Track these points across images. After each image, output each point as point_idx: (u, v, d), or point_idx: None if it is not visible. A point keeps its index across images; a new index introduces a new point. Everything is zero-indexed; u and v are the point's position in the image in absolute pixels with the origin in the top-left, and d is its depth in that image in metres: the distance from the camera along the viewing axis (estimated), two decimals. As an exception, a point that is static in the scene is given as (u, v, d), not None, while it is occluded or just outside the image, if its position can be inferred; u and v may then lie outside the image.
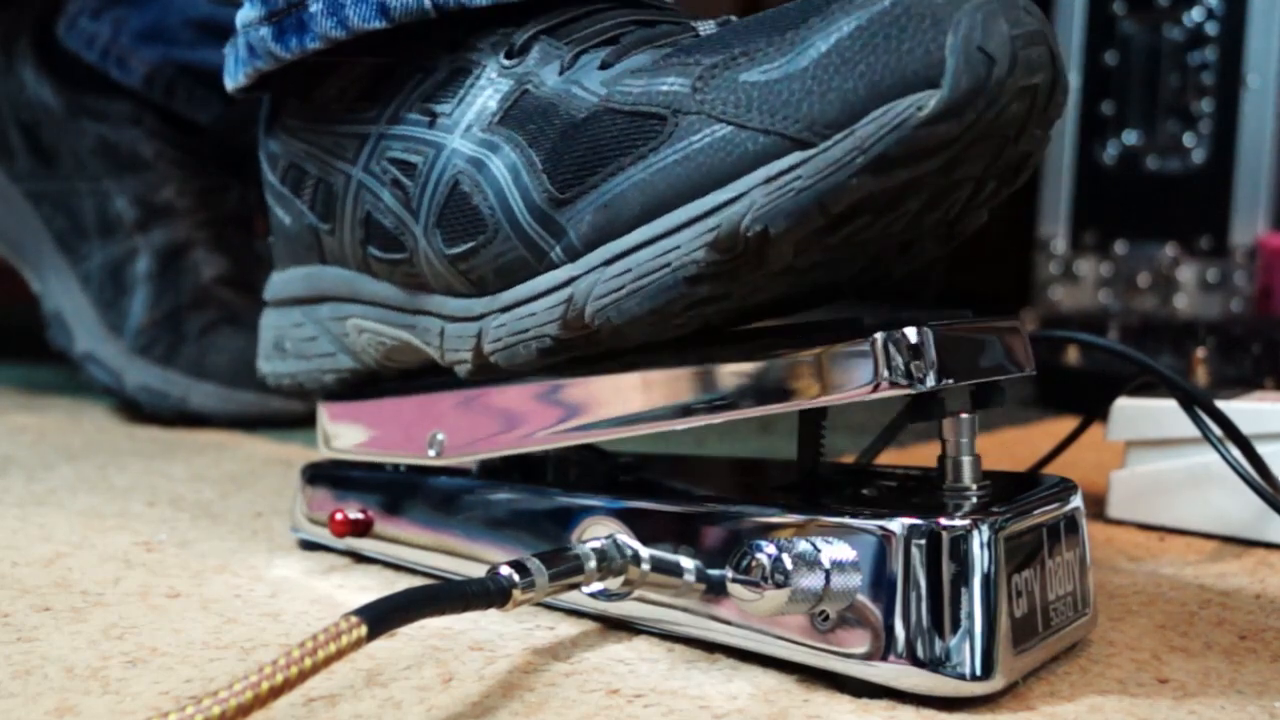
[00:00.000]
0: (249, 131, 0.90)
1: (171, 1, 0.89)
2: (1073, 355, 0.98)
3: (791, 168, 0.36)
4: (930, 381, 0.37)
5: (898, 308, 0.39)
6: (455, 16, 0.45)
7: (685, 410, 0.41)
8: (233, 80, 0.52)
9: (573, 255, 0.41)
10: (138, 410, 0.86)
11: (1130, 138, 1.39)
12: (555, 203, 0.41)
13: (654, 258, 0.39)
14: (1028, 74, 0.35)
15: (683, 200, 0.39)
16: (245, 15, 0.50)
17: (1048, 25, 0.36)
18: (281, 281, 0.54)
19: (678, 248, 0.38)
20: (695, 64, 0.40)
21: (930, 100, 0.34)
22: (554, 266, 0.42)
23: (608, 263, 0.40)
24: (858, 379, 0.37)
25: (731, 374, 0.40)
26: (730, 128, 0.38)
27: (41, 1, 0.91)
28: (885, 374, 0.37)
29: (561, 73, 0.43)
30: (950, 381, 0.37)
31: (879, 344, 0.37)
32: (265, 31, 0.49)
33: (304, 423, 0.83)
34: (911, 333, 0.37)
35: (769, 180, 0.37)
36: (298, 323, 0.53)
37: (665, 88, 0.40)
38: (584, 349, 0.42)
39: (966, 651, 0.36)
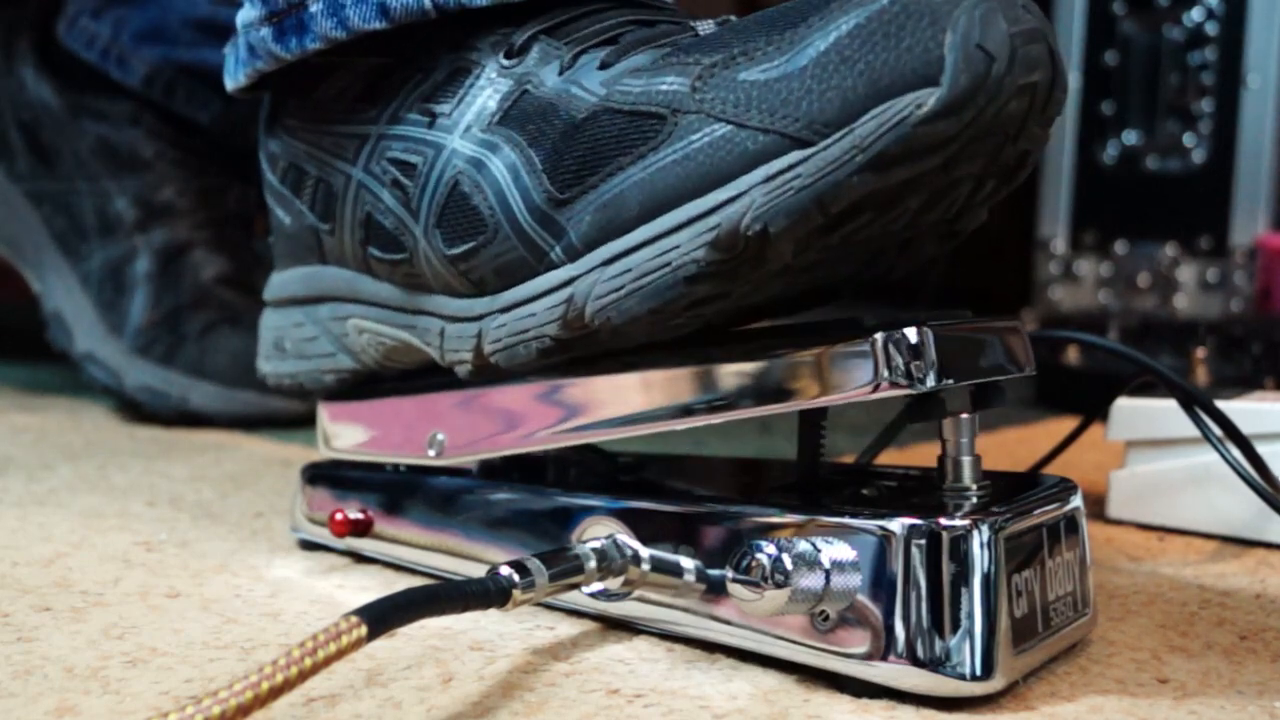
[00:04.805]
0: (249, 131, 0.90)
1: (172, 2, 0.89)
2: (1073, 355, 0.98)
3: (791, 166, 0.36)
4: (930, 382, 0.37)
5: (897, 307, 0.39)
6: (455, 17, 0.46)
7: (686, 410, 0.41)
8: (233, 80, 0.52)
9: (573, 255, 0.41)
10: (138, 410, 0.86)
11: (1130, 138, 1.39)
12: (555, 203, 0.42)
13: (654, 257, 0.39)
14: (1027, 71, 0.35)
15: (682, 200, 0.39)
16: (245, 15, 0.50)
17: (1046, 23, 0.36)
18: (281, 282, 0.54)
19: (677, 247, 0.38)
20: (695, 63, 0.40)
21: (930, 98, 0.34)
22: (554, 267, 0.42)
23: (607, 263, 0.40)
24: (858, 379, 0.37)
25: (732, 374, 0.40)
26: (729, 127, 0.38)
27: (41, 1, 0.91)
28: (885, 374, 0.37)
29: (561, 73, 0.43)
30: (950, 381, 0.37)
31: (879, 344, 0.37)
32: (266, 32, 0.49)
33: (304, 423, 0.83)
34: (911, 333, 0.37)
35: (769, 179, 0.37)
36: (298, 323, 0.53)
37: (664, 87, 0.40)
38: (584, 349, 0.42)
39: (966, 651, 0.36)
